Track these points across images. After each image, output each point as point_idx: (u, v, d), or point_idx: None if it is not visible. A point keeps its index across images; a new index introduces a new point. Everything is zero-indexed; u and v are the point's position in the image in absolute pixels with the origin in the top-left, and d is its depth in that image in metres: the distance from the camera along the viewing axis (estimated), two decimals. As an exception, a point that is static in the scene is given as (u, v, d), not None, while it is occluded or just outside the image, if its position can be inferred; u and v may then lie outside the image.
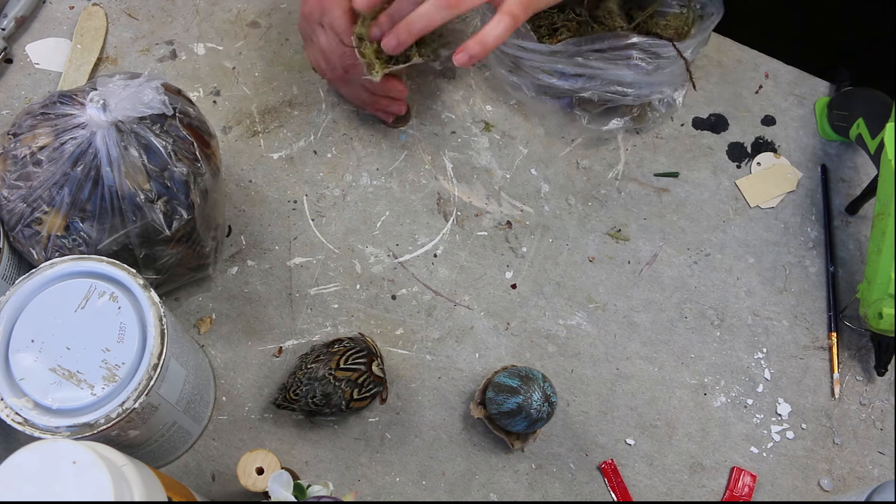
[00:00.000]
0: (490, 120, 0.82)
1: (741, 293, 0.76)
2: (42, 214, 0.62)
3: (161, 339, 0.57)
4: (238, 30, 0.85)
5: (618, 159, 0.81)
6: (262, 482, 0.61)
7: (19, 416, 0.55)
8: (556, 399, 0.65)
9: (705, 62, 0.85)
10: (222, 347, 0.73)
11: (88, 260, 0.59)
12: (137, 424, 0.58)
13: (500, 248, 0.77)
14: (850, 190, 0.81)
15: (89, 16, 0.85)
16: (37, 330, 0.57)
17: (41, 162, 0.61)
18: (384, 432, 0.71)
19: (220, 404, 0.71)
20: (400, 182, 0.80)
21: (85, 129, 0.61)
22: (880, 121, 0.73)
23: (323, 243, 0.77)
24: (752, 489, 0.70)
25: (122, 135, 0.61)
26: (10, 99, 0.82)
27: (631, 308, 0.75)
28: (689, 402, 0.73)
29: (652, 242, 0.78)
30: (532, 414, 0.64)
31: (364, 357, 0.68)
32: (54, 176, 0.61)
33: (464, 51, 0.65)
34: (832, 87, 0.84)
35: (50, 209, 0.62)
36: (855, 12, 0.90)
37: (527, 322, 0.75)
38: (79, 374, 0.56)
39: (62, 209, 0.62)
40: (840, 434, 0.72)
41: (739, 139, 0.82)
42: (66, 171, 0.61)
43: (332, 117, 0.82)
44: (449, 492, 0.69)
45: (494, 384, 0.67)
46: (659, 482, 0.70)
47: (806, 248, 0.78)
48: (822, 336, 0.75)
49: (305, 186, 0.79)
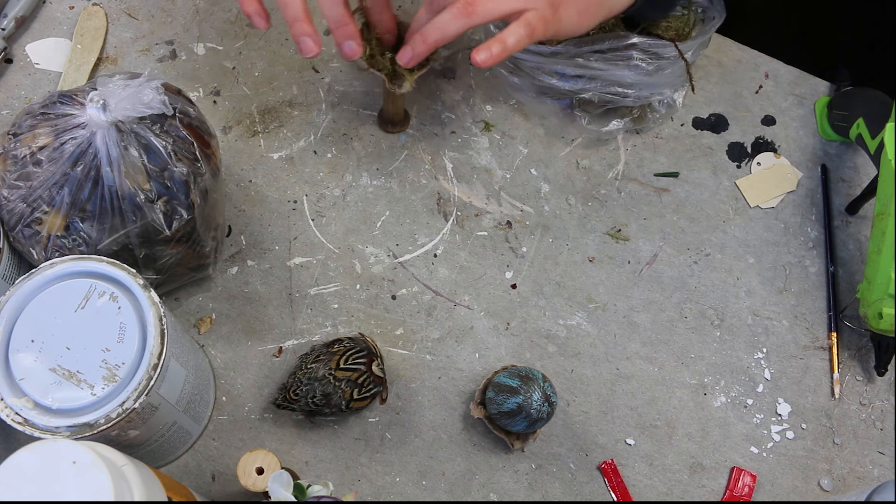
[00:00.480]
0: (490, 120, 0.82)
1: (741, 293, 0.76)
2: (42, 214, 0.62)
3: (161, 339, 0.57)
4: (238, 30, 0.85)
5: (618, 159, 0.81)
6: (262, 482, 0.61)
7: (19, 416, 0.55)
8: (556, 399, 0.65)
9: (705, 62, 0.85)
10: (222, 347, 0.73)
11: (88, 260, 0.59)
12: (137, 424, 0.58)
13: (500, 248, 0.77)
14: (850, 190, 0.81)
15: (89, 16, 0.85)
16: (37, 330, 0.57)
17: (41, 162, 0.61)
18: (384, 432, 0.71)
19: (220, 404, 0.71)
20: (400, 182, 0.80)
21: (85, 129, 0.61)
22: (880, 121, 0.73)
23: (323, 243, 0.77)
24: (752, 489, 0.70)
25: (122, 135, 0.61)
26: (10, 99, 0.82)
27: (631, 308, 0.75)
28: (689, 402, 0.73)
29: (652, 242, 0.78)
30: (532, 414, 0.64)
31: (364, 357, 0.68)
32: (54, 176, 0.61)
33: (486, 49, 0.63)
34: (832, 87, 0.84)
35: (50, 209, 0.62)
36: (855, 12, 0.90)
37: (527, 322, 0.75)
38: (79, 374, 0.56)
39: (62, 209, 0.62)
40: (840, 434, 0.72)
41: (739, 139, 0.82)
42: (66, 171, 0.61)
43: (332, 117, 0.82)
44: (449, 492, 0.69)
45: (494, 384, 0.67)
46: (659, 482, 0.70)
47: (806, 248, 0.78)
48: (822, 336, 0.75)
49: (305, 186, 0.79)
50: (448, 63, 0.85)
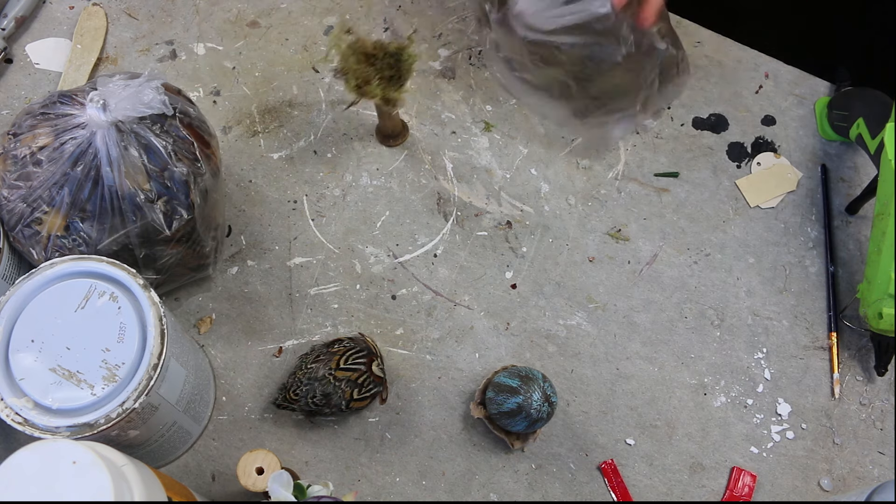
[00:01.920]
0: (490, 120, 0.82)
1: (741, 293, 0.76)
2: (42, 214, 0.62)
3: (161, 339, 0.57)
4: (238, 30, 0.85)
5: (618, 159, 0.81)
6: (262, 482, 0.61)
7: (19, 416, 0.55)
8: (556, 399, 0.65)
9: (705, 62, 0.85)
10: (222, 347, 0.73)
11: (88, 260, 0.59)
12: (137, 424, 0.58)
13: (500, 248, 0.77)
14: (850, 190, 0.81)
15: (89, 16, 0.85)
16: (37, 330, 0.57)
17: (41, 162, 0.61)
18: (384, 432, 0.71)
19: (220, 404, 0.71)
20: (400, 182, 0.80)
21: (85, 129, 0.61)
22: (880, 121, 0.73)
23: (323, 243, 0.77)
24: (752, 489, 0.70)
25: (122, 135, 0.61)
26: (10, 99, 0.82)
27: (631, 308, 0.75)
28: (689, 402, 0.73)
29: (652, 242, 0.78)
30: (532, 414, 0.64)
31: (364, 357, 0.68)
32: (54, 176, 0.61)
33: None
34: (832, 87, 0.84)
35: (50, 209, 0.62)
36: (855, 12, 0.90)
37: (527, 322, 0.75)
38: (79, 374, 0.56)
39: (62, 209, 0.62)
40: (840, 434, 0.72)
41: (739, 139, 0.82)
42: (66, 171, 0.61)
43: (332, 117, 0.82)
44: (449, 492, 0.69)
45: (494, 384, 0.67)
46: (659, 482, 0.70)
47: (806, 248, 0.78)
48: (822, 336, 0.75)
49: (305, 186, 0.79)
50: (448, 63, 0.85)
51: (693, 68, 0.84)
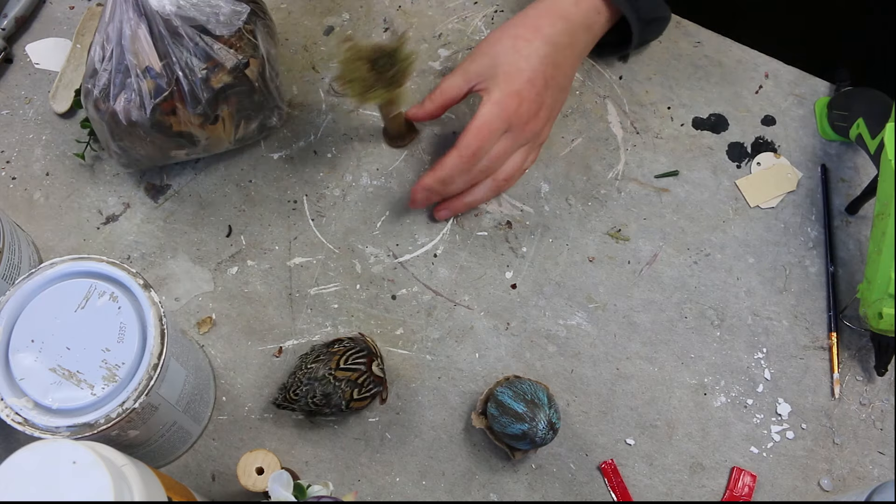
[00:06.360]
0: (490, 120, 0.82)
1: (741, 293, 0.76)
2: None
3: (161, 339, 0.57)
4: (238, 30, 0.85)
5: (618, 159, 0.81)
6: (262, 482, 0.62)
7: (19, 416, 0.55)
8: (559, 424, 0.65)
9: (705, 62, 0.85)
10: (222, 347, 0.73)
11: (88, 260, 0.59)
12: (137, 424, 0.58)
13: (500, 248, 0.77)
14: (850, 190, 0.81)
15: (92, 15, 0.85)
16: (37, 330, 0.57)
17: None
18: (384, 432, 0.71)
19: (220, 404, 0.71)
20: (400, 182, 0.80)
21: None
22: (880, 121, 0.73)
23: (323, 243, 0.77)
24: (752, 489, 0.70)
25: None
26: (10, 99, 0.82)
27: (631, 308, 0.75)
28: (689, 402, 0.73)
29: (652, 242, 0.78)
30: (537, 441, 0.64)
31: (364, 357, 0.68)
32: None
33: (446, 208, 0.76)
34: (832, 87, 0.84)
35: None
36: (855, 13, 0.90)
37: (527, 322, 0.75)
38: (79, 374, 0.56)
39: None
40: (840, 434, 0.72)
41: (739, 139, 0.82)
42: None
43: (332, 117, 0.82)
44: (449, 492, 0.69)
45: (498, 402, 0.66)
46: (659, 482, 0.70)
47: (806, 248, 0.78)
48: (822, 336, 0.75)
49: (305, 186, 0.79)
50: (448, 63, 0.85)
51: (693, 68, 0.84)
